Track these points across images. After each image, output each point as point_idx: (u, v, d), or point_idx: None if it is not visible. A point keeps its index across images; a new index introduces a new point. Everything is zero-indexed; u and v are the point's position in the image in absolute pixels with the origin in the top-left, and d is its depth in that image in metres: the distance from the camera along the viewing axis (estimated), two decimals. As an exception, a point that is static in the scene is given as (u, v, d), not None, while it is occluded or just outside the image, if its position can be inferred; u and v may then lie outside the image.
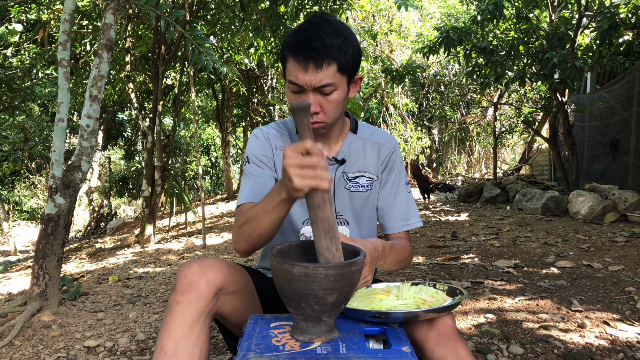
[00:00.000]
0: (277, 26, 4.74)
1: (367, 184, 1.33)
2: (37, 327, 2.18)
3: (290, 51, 1.12)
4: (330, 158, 1.30)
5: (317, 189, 0.89)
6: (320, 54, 1.09)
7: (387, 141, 1.37)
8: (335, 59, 1.11)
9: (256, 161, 1.29)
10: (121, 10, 2.72)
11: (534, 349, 1.81)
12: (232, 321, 1.16)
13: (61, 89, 2.51)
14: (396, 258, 1.22)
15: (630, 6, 5.28)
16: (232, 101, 11.56)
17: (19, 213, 16.11)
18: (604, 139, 6.85)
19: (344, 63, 1.13)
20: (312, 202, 0.91)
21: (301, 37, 1.11)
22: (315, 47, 1.09)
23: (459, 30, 5.76)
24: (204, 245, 5.02)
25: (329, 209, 0.91)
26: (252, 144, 1.32)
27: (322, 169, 0.88)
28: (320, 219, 0.91)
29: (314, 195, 0.90)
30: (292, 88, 1.14)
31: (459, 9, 9.96)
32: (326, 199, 0.91)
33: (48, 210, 2.41)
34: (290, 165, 0.88)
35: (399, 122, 9.93)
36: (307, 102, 0.90)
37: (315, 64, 1.09)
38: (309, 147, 0.88)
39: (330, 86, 1.12)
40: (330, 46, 1.09)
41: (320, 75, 1.10)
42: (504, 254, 3.55)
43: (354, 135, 1.35)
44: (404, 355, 0.87)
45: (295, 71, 1.11)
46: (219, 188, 17.90)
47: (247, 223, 1.10)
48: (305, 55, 1.09)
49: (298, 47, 1.10)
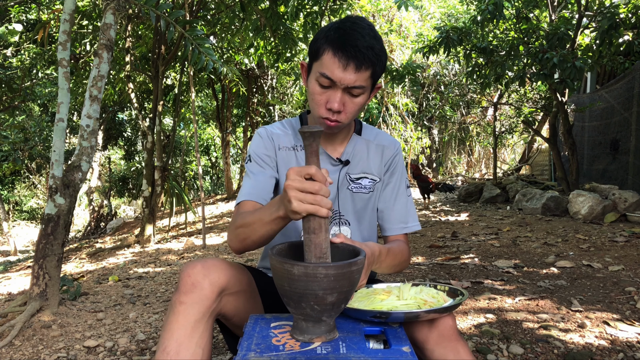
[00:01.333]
0: (277, 26, 4.74)
1: (370, 186, 1.34)
2: (37, 327, 2.18)
3: (332, 45, 1.11)
4: (335, 159, 1.31)
5: (314, 215, 0.89)
6: (363, 56, 1.09)
7: (391, 144, 1.38)
8: (373, 65, 1.12)
9: (258, 160, 1.29)
10: (121, 10, 2.72)
11: (534, 349, 1.81)
12: (234, 321, 1.16)
13: (61, 89, 2.51)
14: (392, 262, 1.22)
15: (630, 6, 5.28)
16: (232, 101, 11.56)
17: (19, 213, 16.12)
18: (604, 139, 6.85)
19: (377, 70, 1.14)
20: (308, 227, 0.92)
21: (346, 34, 1.10)
22: (360, 47, 1.09)
23: (459, 30, 5.76)
24: (204, 245, 5.02)
25: (324, 235, 0.92)
26: (256, 142, 1.32)
27: (323, 196, 0.88)
28: (313, 244, 0.92)
29: (311, 220, 0.91)
30: (323, 82, 1.13)
31: (459, 9, 9.96)
32: (322, 225, 0.91)
33: (48, 210, 2.41)
34: (292, 187, 0.89)
35: (399, 122, 9.93)
36: (319, 128, 0.89)
37: (356, 64, 1.10)
38: (313, 172, 0.88)
39: (360, 89, 1.13)
40: (372, 50, 1.10)
41: (356, 76, 1.11)
42: (504, 254, 3.55)
43: (358, 137, 1.35)
44: (404, 355, 0.87)
45: (333, 66, 1.11)
46: (219, 188, 17.90)
47: (242, 227, 1.11)
48: (348, 54, 1.09)
49: (342, 43, 1.09)
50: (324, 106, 1.16)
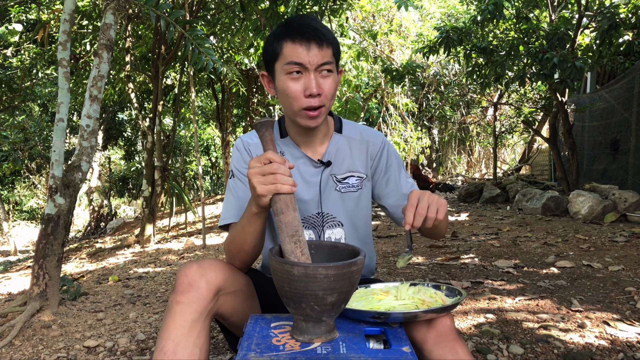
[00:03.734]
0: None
1: (357, 183, 1.32)
2: (37, 327, 2.18)
3: (288, 36, 1.13)
4: (316, 161, 1.28)
5: (279, 193, 0.94)
6: (322, 34, 1.13)
7: (375, 138, 1.35)
8: (331, 43, 1.16)
9: (239, 175, 1.28)
10: (121, 10, 2.72)
11: (534, 349, 1.81)
12: (232, 321, 1.16)
13: (61, 89, 2.51)
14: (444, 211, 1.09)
15: (630, 6, 5.28)
16: (232, 101, 11.55)
17: (19, 213, 16.12)
18: (604, 139, 6.84)
19: (335, 51, 1.18)
20: (276, 208, 0.96)
21: (297, 23, 1.14)
22: (315, 27, 1.13)
23: (459, 30, 5.76)
24: (204, 245, 5.02)
25: (292, 214, 0.95)
26: (235, 157, 1.31)
27: (283, 174, 0.93)
28: (283, 223, 0.95)
29: (277, 201, 0.95)
30: (293, 68, 1.13)
31: (459, 9, 9.96)
32: (289, 204, 0.95)
33: (48, 210, 2.41)
34: (253, 174, 0.94)
35: (399, 122, 9.93)
36: (270, 118, 0.98)
37: (317, 42, 1.12)
38: (270, 156, 0.94)
39: (329, 65, 1.15)
40: (326, 29, 1.15)
41: (321, 54, 1.13)
42: (504, 254, 3.55)
43: (339, 135, 1.32)
44: (404, 355, 0.87)
45: (297, 52, 1.12)
46: (219, 188, 17.90)
47: (231, 242, 1.14)
48: (307, 35, 1.12)
49: (297, 30, 1.12)
50: (302, 96, 1.14)
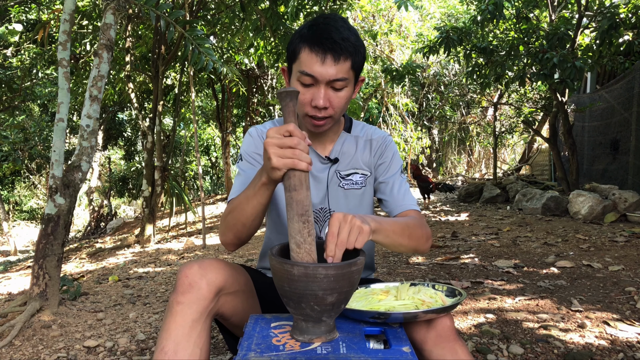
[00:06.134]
0: (277, 26, 4.73)
1: (361, 181, 1.33)
2: (37, 327, 2.18)
3: (307, 42, 1.11)
4: (324, 157, 1.31)
5: (294, 169, 0.90)
6: (340, 47, 1.10)
7: (379, 136, 1.37)
8: (351, 55, 1.12)
9: (249, 159, 1.29)
10: (121, 10, 2.72)
11: (534, 349, 1.81)
12: (232, 321, 1.16)
13: (61, 89, 2.51)
14: (397, 228, 1.08)
15: (630, 6, 5.28)
16: (232, 101, 11.55)
17: (19, 213, 16.11)
18: (604, 139, 6.84)
19: (357, 60, 1.14)
20: (289, 184, 0.91)
21: (319, 30, 1.11)
22: (335, 39, 1.09)
23: (459, 30, 5.76)
24: (204, 245, 5.02)
25: (305, 193, 0.91)
26: (247, 142, 1.32)
27: (302, 150, 0.89)
28: (295, 201, 0.91)
29: (291, 177, 0.91)
30: (304, 80, 1.13)
31: (459, 9, 9.96)
32: (303, 181, 0.91)
33: (48, 210, 2.41)
34: (271, 144, 0.90)
35: (399, 122, 9.93)
36: (295, 89, 0.92)
37: (333, 56, 1.10)
38: (291, 129, 0.90)
39: (343, 81, 1.13)
40: (348, 41, 1.11)
41: (336, 68, 1.11)
42: (504, 254, 3.55)
43: (347, 134, 1.35)
44: (404, 356, 0.87)
45: (311, 62, 1.11)
46: (219, 188, 17.90)
47: (231, 212, 1.11)
48: (324, 47, 1.09)
49: (317, 38, 1.10)
50: (309, 104, 1.15)
